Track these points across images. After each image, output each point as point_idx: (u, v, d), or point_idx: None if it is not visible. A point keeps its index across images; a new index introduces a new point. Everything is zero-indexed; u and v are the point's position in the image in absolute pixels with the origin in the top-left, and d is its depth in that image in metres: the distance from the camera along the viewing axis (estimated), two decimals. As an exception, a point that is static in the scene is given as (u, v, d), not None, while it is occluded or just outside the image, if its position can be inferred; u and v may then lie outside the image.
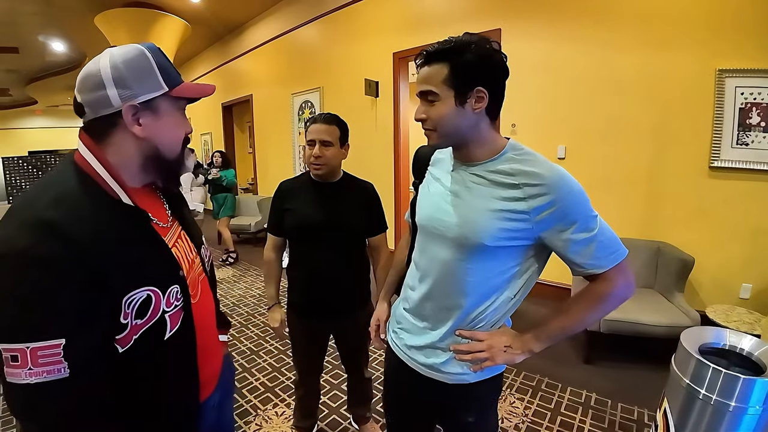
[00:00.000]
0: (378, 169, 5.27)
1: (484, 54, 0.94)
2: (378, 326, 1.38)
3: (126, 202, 0.78)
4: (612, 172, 3.44)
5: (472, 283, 1.02)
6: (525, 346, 1.04)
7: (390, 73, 5.02)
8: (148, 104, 0.79)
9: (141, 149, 0.81)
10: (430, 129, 1.01)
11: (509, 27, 3.88)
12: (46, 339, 0.63)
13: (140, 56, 0.78)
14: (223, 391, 1.09)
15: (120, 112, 0.76)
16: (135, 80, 0.77)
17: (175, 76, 0.83)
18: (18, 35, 7.63)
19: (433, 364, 1.10)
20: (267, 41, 7.11)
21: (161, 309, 0.80)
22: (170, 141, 0.85)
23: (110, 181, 0.77)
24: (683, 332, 1.65)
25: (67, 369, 0.65)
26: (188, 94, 0.85)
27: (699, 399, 1.46)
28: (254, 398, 2.52)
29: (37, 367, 0.63)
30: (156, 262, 0.82)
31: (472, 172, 1.02)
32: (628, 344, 2.82)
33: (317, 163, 1.63)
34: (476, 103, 0.95)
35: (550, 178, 0.91)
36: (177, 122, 0.86)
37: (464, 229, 0.98)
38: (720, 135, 2.92)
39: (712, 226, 3.03)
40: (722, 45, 2.85)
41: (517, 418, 2.26)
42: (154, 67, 0.79)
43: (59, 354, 0.64)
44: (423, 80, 0.98)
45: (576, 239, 0.92)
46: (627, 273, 0.97)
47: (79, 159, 0.78)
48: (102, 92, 0.75)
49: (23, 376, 0.63)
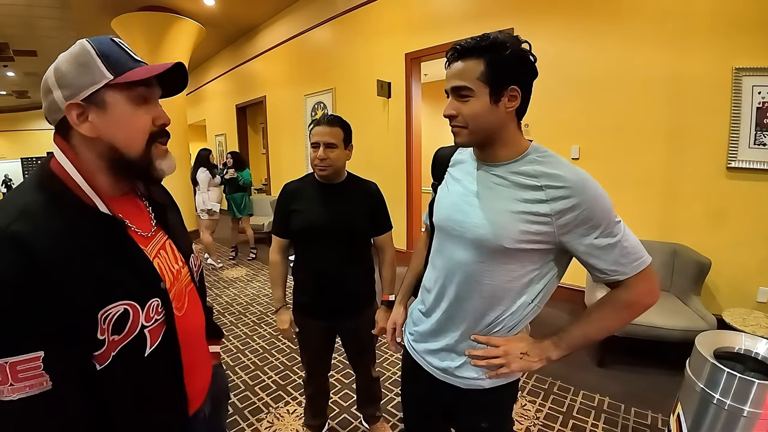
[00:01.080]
0: (390, 170, 5.28)
1: (519, 53, 0.92)
2: (394, 329, 1.36)
3: (102, 210, 0.74)
4: (627, 173, 3.39)
5: (490, 286, 0.99)
6: (543, 353, 1.01)
7: (402, 74, 5.03)
8: (92, 99, 0.72)
9: (98, 151, 0.75)
10: (460, 126, 0.98)
11: (521, 26, 3.85)
12: (23, 353, 0.61)
13: (80, 51, 0.72)
14: (213, 403, 1.05)
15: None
16: (75, 77, 0.71)
17: (124, 63, 0.74)
18: (36, 39, 7.79)
19: (448, 367, 1.08)
20: (280, 43, 7.17)
21: (140, 324, 0.75)
22: (126, 136, 0.76)
23: (86, 187, 0.73)
24: (698, 336, 1.63)
25: (49, 382, 0.63)
26: (134, 77, 0.73)
27: (713, 404, 1.44)
28: (266, 396, 2.55)
29: (18, 383, 0.61)
30: (134, 274, 0.77)
31: (494, 173, 1.00)
32: (643, 348, 2.78)
33: (322, 166, 1.65)
34: (509, 102, 0.94)
35: (573, 181, 0.89)
36: (132, 114, 0.76)
37: (484, 230, 0.97)
38: (737, 135, 2.87)
39: (729, 227, 2.98)
40: (739, 43, 2.81)
41: (528, 420, 2.25)
42: (95, 57, 0.72)
43: (40, 367, 0.62)
44: (456, 76, 0.95)
45: (599, 245, 0.91)
46: (651, 280, 0.95)
47: (54, 165, 0.74)
48: (50, 96, 0.72)
49: (6, 392, 0.60)
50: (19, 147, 16.60)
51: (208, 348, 1.07)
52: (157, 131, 0.80)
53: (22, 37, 7.67)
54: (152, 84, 0.79)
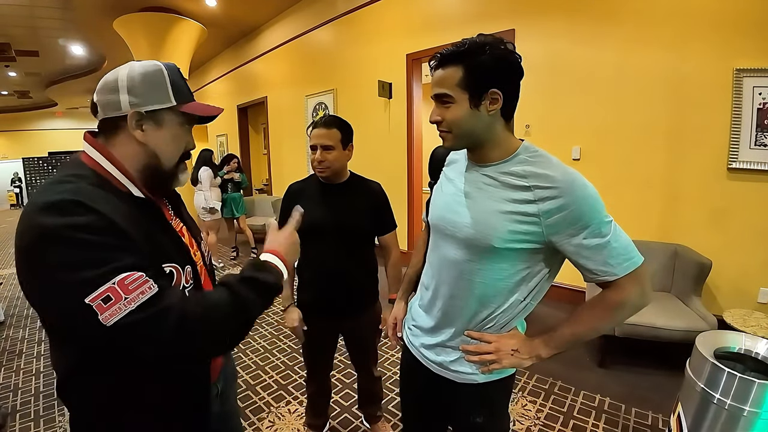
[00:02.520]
0: (391, 170, 5.28)
1: (498, 55, 0.93)
2: (395, 324, 1.40)
3: (137, 194, 0.84)
4: (628, 174, 3.40)
5: (482, 284, 1.02)
6: (533, 351, 1.03)
7: (403, 75, 5.04)
8: (153, 114, 0.84)
9: (140, 154, 0.85)
10: (445, 131, 1.01)
11: (523, 27, 3.86)
12: (123, 272, 0.69)
13: (156, 71, 0.84)
14: (225, 381, 1.13)
15: (126, 116, 0.82)
16: (146, 91, 0.83)
17: (186, 94, 0.89)
18: (38, 39, 7.82)
19: (443, 362, 1.11)
20: (281, 44, 7.18)
21: (182, 284, 0.86)
22: (168, 151, 0.89)
23: (120, 176, 0.82)
24: (698, 336, 1.63)
25: (154, 285, 0.71)
26: (195, 112, 0.89)
27: (713, 404, 1.44)
28: (267, 395, 2.56)
29: (130, 294, 0.68)
30: (172, 243, 0.89)
31: (485, 173, 1.02)
32: (643, 348, 2.79)
33: (320, 168, 1.67)
34: (491, 105, 0.95)
35: (562, 181, 0.90)
36: (178, 136, 0.90)
37: (474, 230, 0.99)
38: (738, 136, 2.87)
39: (730, 228, 2.98)
40: (740, 44, 2.81)
41: (529, 420, 2.25)
42: (167, 82, 0.85)
43: (142, 277, 0.70)
44: (437, 83, 0.98)
45: (588, 245, 0.91)
46: (642, 281, 0.94)
47: (87, 160, 0.83)
48: (114, 96, 0.82)
49: (124, 308, 0.67)
50: (20, 147, 16.64)
51: None
52: (186, 153, 0.94)
53: (24, 38, 7.69)
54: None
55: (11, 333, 3.72)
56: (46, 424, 2.33)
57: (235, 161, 5.92)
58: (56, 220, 0.67)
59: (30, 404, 2.54)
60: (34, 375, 2.91)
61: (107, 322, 0.66)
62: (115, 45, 7.58)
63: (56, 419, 2.37)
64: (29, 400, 2.58)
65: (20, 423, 2.35)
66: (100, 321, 0.66)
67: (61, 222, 0.67)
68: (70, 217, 0.68)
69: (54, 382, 2.75)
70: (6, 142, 16.57)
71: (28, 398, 2.61)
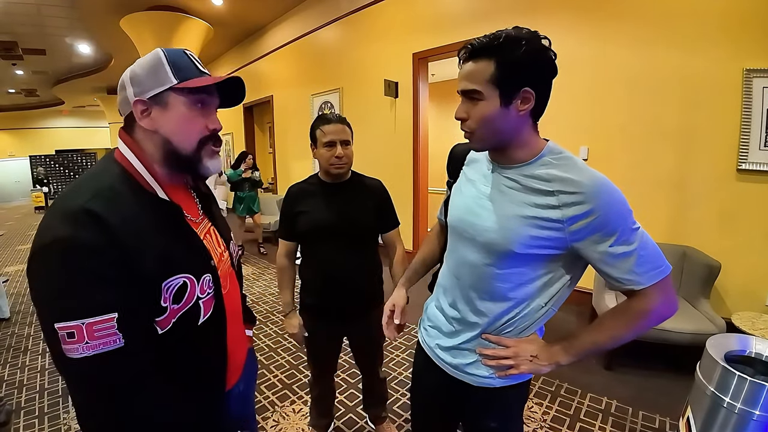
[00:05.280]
0: (397, 170, 5.27)
1: (535, 51, 0.87)
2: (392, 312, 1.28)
3: (161, 196, 0.84)
4: (636, 174, 3.37)
5: (501, 289, 0.99)
6: (552, 357, 1.00)
7: (409, 74, 5.02)
8: (157, 98, 0.83)
9: (155, 142, 0.85)
10: (469, 131, 0.96)
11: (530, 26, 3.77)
12: (98, 314, 0.69)
13: (154, 56, 0.84)
14: (246, 382, 1.14)
15: None
16: (146, 77, 0.83)
17: (188, 71, 0.85)
18: (45, 37, 7.87)
19: (459, 364, 1.09)
20: (287, 43, 7.19)
21: (195, 295, 0.86)
22: (180, 133, 0.86)
23: (147, 176, 0.83)
24: (709, 339, 1.61)
25: (122, 339, 0.71)
26: (194, 84, 0.85)
27: (723, 407, 1.43)
28: (272, 395, 2.55)
29: (93, 341, 0.68)
30: (189, 251, 0.88)
31: (507, 176, 0.97)
32: (651, 351, 2.76)
33: (340, 164, 1.63)
34: (522, 105, 0.90)
35: (588, 186, 0.86)
36: (187, 116, 0.86)
37: (494, 235, 0.95)
38: (748, 137, 2.84)
39: (739, 230, 2.95)
40: (750, 44, 2.78)
41: (535, 423, 2.23)
42: (165, 63, 0.83)
43: (113, 327, 0.70)
44: (466, 77, 0.92)
45: (613, 252, 0.86)
46: (668, 291, 0.90)
47: (119, 156, 0.84)
48: (123, 93, 0.84)
49: (80, 350, 0.68)
50: (27, 145, 16.77)
51: (244, 329, 1.17)
52: (209, 135, 0.90)
53: (31, 36, 7.75)
54: (211, 92, 0.90)
55: (17, 330, 3.74)
56: (51, 421, 2.34)
57: (250, 158, 5.89)
58: (65, 233, 0.69)
59: (34, 401, 2.55)
60: (39, 372, 2.92)
61: (67, 354, 0.68)
62: (122, 44, 7.62)
63: (60, 416, 2.38)
64: (34, 397, 2.59)
65: (24, 420, 2.36)
66: (62, 349, 0.68)
67: (68, 235, 0.69)
68: (77, 232, 0.69)
69: (58, 379, 2.76)
70: (13, 140, 16.70)
71: (33, 395, 2.62)
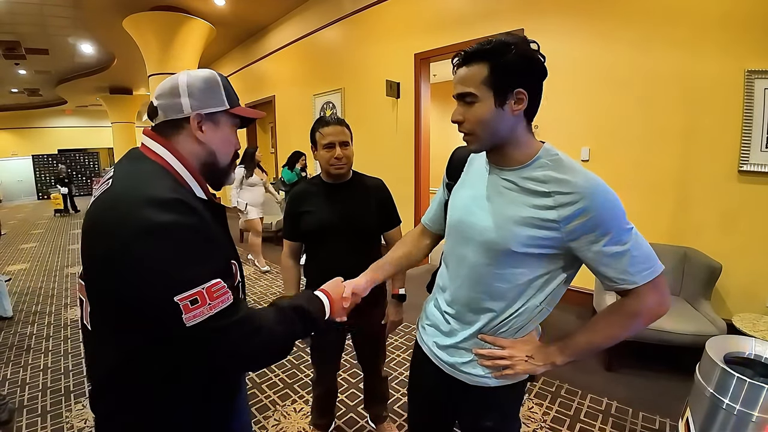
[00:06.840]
0: (398, 171, 5.28)
1: (524, 54, 0.91)
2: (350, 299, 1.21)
3: (200, 196, 0.92)
4: (637, 175, 3.37)
5: (499, 288, 1.01)
6: (547, 358, 1.03)
7: (411, 74, 5.03)
8: (211, 116, 0.93)
9: (200, 152, 0.93)
10: (467, 133, 0.99)
11: (532, 27, 3.84)
12: (212, 279, 0.77)
13: (212, 78, 0.94)
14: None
15: (188, 118, 0.90)
16: (205, 95, 0.91)
17: (235, 99, 0.98)
18: (48, 37, 7.90)
19: (455, 363, 1.10)
20: (289, 43, 7.20)
21: (238, 277, 0.96)
22: (224, 150, 0.98)
23: (186, 175, 0.90)
24: (708, 341, 1.62)
25: (231, 297, 0.79)
26: (244, 114, 0.98)
27: (722, 409, 1.43)
28: (273, 394, 2.56)
29: (214, 301, 0.76)
30: (230, 242, 0.98)
31: (505, 177, 1.00)
32: (651, 352, 2.76)
33: (340, 165, 1.66)
34: (516, 105, 0.93)
35: (583, 187, 0.89)
36: (231, 136, 0.99)
37: (493, 235, 0.98)
38: (749, 138, 2.84)
39: (740, 231, 2.95)
40: (751, 45, 2.77)
41: (535, 423, 2.24)
42: (221, 88, 0.94)
43: (224, 287, 0.78)
44: (461, 81, 0.96)
45: (607, 252, 0.89)
46: (661, 290, 0.93)
47: (153, 156, 0.89)
48: (176, 100, 0.90)
49: (205, 312, 0.74)
50: (30, 144, 16.82)
51: None
52: (236, 152, 1.03)
53: (34, 36, 7.78)
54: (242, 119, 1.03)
55: (19, 328, 3.76)
56: (53, 420, 2.35)
57: (304, 158, 5.75)
58: (166, 217, 0.74)
59: (37, 400, 2.56)
60: (42, 370, 2.93)
61: (188, 323, 0.73)
62: (125, 44, 7.64)
63: (63, 415, 2.39)
64: (36, 396, 2.61)
65: (27, 418, 2.37)
66: (182, 320, 0.73)
67: (170, 219, 0.74)
68: (179, 216, 0.76)
69: (61, 378, 2.77)
70: (16, 140, 16.74)
71: (36, 393, 2.63)
